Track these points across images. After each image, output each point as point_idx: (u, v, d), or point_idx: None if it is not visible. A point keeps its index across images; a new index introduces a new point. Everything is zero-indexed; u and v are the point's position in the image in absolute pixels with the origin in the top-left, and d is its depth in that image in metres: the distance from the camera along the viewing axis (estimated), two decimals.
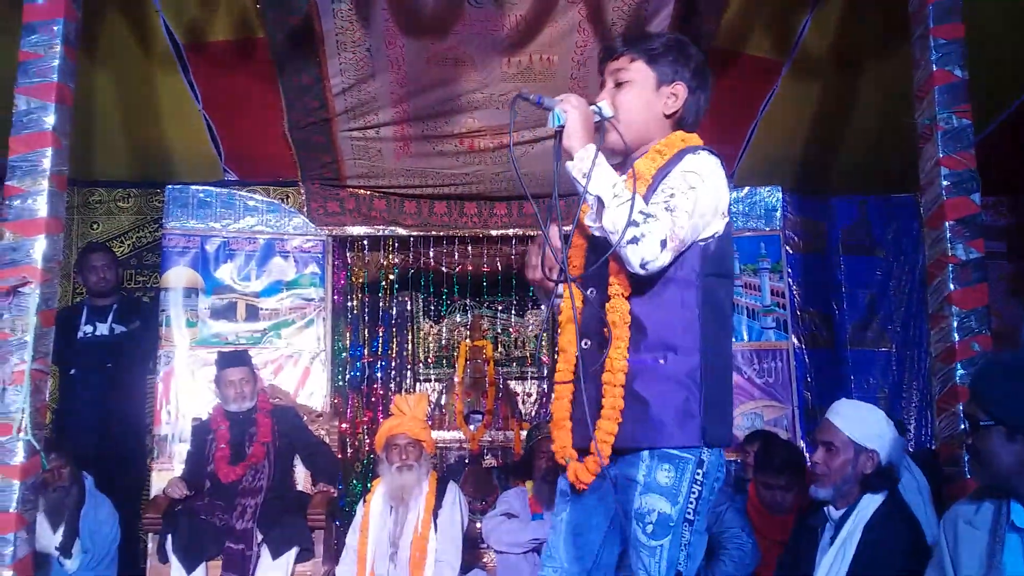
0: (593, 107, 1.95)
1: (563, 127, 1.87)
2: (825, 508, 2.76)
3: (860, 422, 2.73)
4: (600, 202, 1.81)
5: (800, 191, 5.28)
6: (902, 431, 2.83)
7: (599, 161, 1.83)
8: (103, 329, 4.79)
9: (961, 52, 3.07)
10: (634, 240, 1.76)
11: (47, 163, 3.03)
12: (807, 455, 3.68)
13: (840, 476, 2.68)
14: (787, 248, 5.13)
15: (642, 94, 2.00)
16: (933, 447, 4.38)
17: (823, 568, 2.65)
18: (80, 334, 4.75)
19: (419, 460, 3.91)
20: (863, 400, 5.05)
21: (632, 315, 1.89)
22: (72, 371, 4.77)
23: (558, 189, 1.86)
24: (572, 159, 1.86)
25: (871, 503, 2.65)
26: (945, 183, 3.03)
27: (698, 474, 1.85)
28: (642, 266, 1.78)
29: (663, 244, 1.77)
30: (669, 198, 1.81)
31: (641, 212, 1.78)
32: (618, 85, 2.02)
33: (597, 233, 1.87)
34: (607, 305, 1.90)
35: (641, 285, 1.88)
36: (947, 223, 3.02)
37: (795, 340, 5.05)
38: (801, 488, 3.33)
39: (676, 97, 2.01)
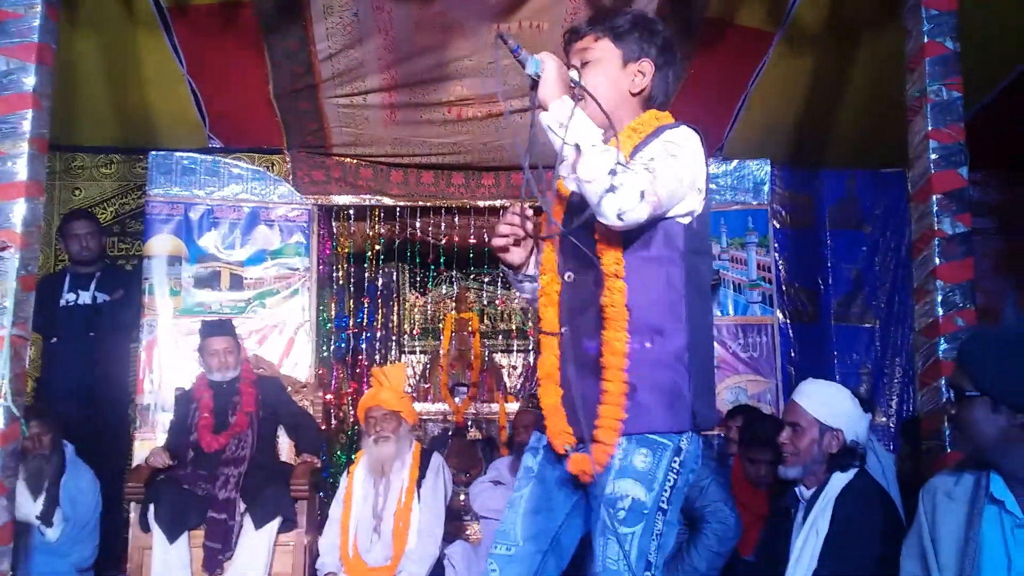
0: (571, 72, 1.91)
1: (540, 76, 1.84)
2: (797, 489, 2.77)
3: (824, 401, 2.73)
4: (578, 151, 1.74)
5: (789, 164, 5.27)
6: (868, 408, 2.83)
7: (577, 112, 1.78)
8: (86, 297, 4.74)
9: (953, 24, 3.05)
10: (611, 189, 1.69)
11: (27, 125, 2.98)
12: None
13: (808, 456, 2.68)
14: (774, 222, 5.13)
15: (608, 72, 1.95)
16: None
17: (796, 548, 2.66)
18: (63, 302, 4.70)
19: (396, 431, 3.88)
20: (846, 376, 5.14)
21: None
22: (54, 339, 4.72)
23: (531, 141, 1.85)
24: (547, 110, 1.81)
25: (840, 481, 2.65)
26: (933, 156, 3.02)
27: (675, 462, 1.80)
28: (619, 216, 1.70)
29: (642, 195, 1.69)
30: (649, 161, 1.76)
31: (619, 163, 1.71)
32: (584, 65, 1.96)
33: (572, 186, 1.83)
34: (607, 285, 1.82)
35: (625, 265, 1.84)
36: (934, 196, 3.01)
37: (780, 315, 5.07)
38: None
39: (643, 75, 1.96)
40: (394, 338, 7.21)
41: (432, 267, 7.05)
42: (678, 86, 2.05)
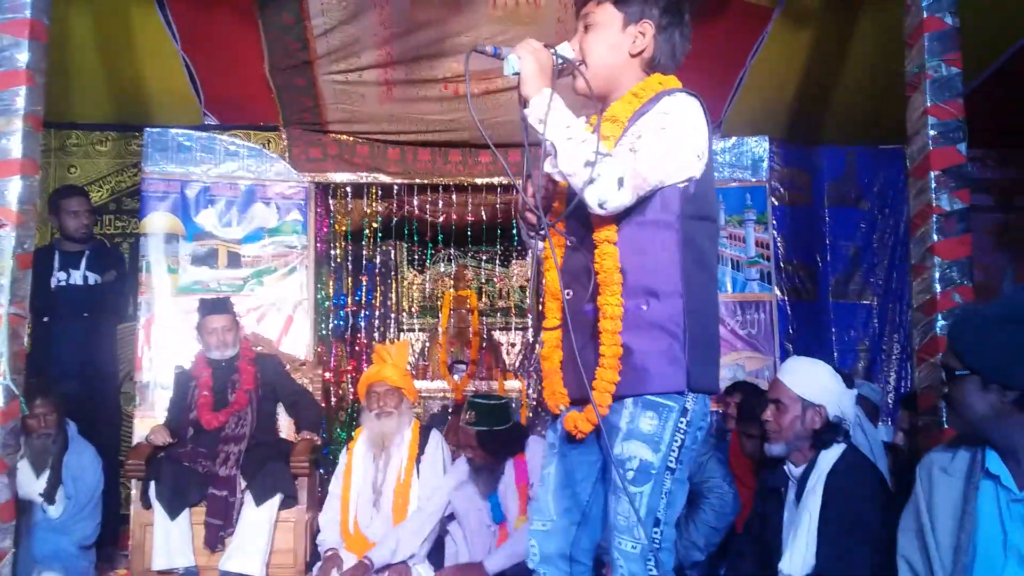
0: (552, 51, 1.90)
1: (519, 75, 1.86)
2: (785, 467, 2.78)
3: (806, 378, 2.75)
4: (554, 148, 1.80)
5: (788, 141, 5.25)
6: (851, 384, 2.84)
7: (554, 105, 1.82)
8: (77, 277, 4.68)
9: None
10: (591, 180, 1.75)
11: (21, 102, 2.96)
12: None
13: (791, 432, 2.70)
14: (773, 199, 5.12)
15: (608, 36, 1.96)
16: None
17: (791, 526, 2.67)
18: (53, 281, 4.64)
19: (398, 407, 3.93)
20: (844, 352, 5.16)
21: None
22: (45, 319, 4.66)
23: (527, 139, 1.86)
24: (528, 107, 1.85)
25: (829, 458, 2.66)
26: (932, 132, 3.00)
27: (681, 422, 1.84)
28: (600, 206, 1.77)
29: (620, 183, 1.75)
30: (636, 139, 1.80)
31: (597, 152, 1.75)
32: (587, 29, 1.98)
33: (557, 178, 1.86)
34: (596, 252, 1.87)
35: (620, 229, 1.86)
36: (932, 173, 3.00)
37: (778, 292, 5.07)
38: None
39: (643, 36, 1.95)
40: (392, 316, 7.22)
41: (430, 245, 7.03)
42: (687, 47, 2.01)
